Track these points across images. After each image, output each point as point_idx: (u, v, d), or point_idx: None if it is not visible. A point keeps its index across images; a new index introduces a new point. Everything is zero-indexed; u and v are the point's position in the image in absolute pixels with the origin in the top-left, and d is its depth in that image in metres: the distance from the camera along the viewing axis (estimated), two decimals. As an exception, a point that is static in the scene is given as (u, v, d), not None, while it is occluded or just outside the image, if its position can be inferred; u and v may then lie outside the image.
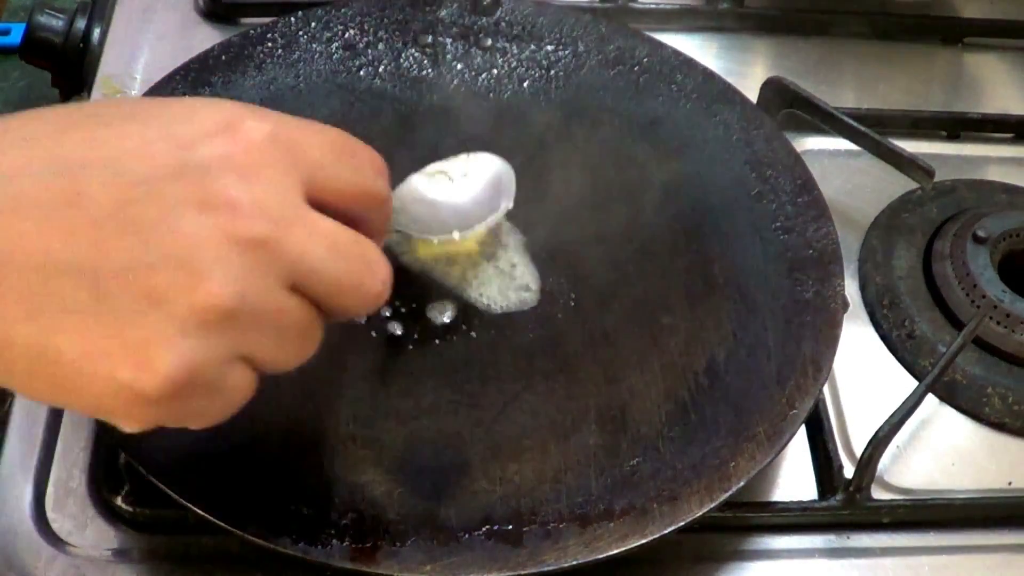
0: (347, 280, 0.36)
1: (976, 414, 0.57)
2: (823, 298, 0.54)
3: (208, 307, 0.32)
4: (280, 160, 0.34)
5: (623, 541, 0.44)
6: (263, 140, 0.34)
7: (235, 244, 0.32)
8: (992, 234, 0.61)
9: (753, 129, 0.62)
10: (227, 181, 0.33)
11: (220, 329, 0.32)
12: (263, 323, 0.34)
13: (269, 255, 0.33)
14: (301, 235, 0.34)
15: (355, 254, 0.36)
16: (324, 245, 0.35)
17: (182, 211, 0.32)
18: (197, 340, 0.32)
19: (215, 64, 0.61)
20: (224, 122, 0.34)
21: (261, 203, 0.33)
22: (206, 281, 0.31)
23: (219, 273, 0.32)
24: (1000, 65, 0.77)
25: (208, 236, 0.32)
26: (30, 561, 0.47)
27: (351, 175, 0.37)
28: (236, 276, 0.32)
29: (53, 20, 0.66)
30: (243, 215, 0.32)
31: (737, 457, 0.47)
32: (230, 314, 0.32)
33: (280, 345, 0.35)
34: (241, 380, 0.34)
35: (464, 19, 0.66)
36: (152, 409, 0.32)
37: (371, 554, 0.43)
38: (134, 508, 0.48)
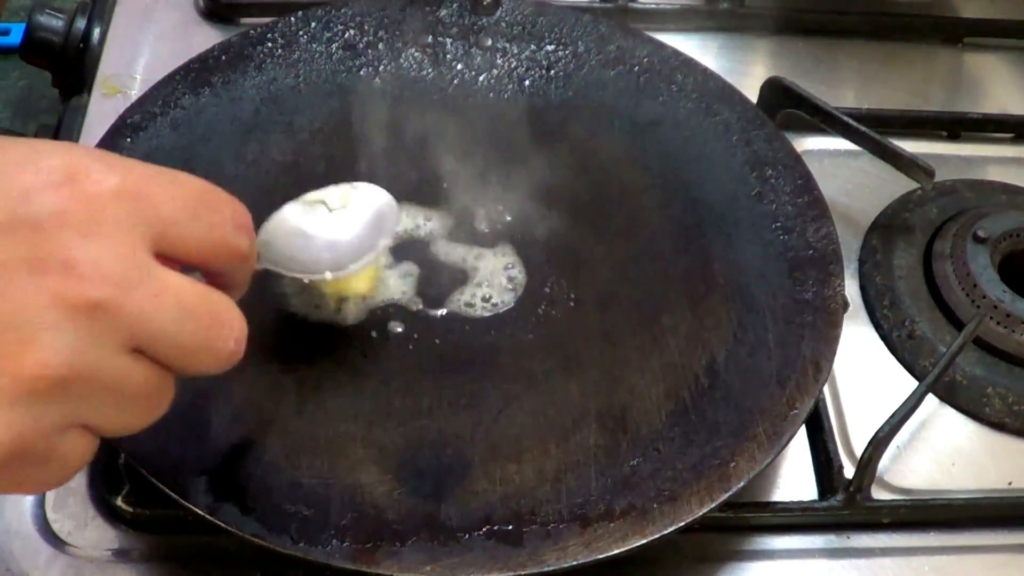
0: (195, 341, 0.33)
1: (976, 414, 0.57)
2: (823, 298, 0.54)
3: (36, 377, 0.30)
4: (124, 216, 0.32)
5: (623, 541, 0.44)
6: (106, 193, 0.32)
7: (69, 308, 0.30)
8: (992, 234, 0.61)
9: (753, 129, 0.62)
10: (63, 238, 0.30)
11: (50, 399, 0.30)
12: (100, 391, 0.31)
13: (107, 320, 0.31)
14: (144, 297, 0.32)
15: (204, 312, 0.34)
16: (169, 306, 0.32)
17: (11, 271, 0.30)
18: (23, 411, 0.30)
19: (215, 64, 0.61)
20: (65, 172, 0.31)
21: (99, 264, 0.31)
22: (34, 349, 0.29)
23: (49, 340, 0.30)
24: (1000, 65, 0.77)
25: (38, 300, 0.30)
26: (30, 561, 0.47)
27: (206, 231, 0.34)
28: (68, 343, 0.30)
29: (53, 20, 0.66)
30: (78, 277, 0.30)
31: (737, 457, 0.47)
32: (61, 383, 0.30)
33: (121, 411, 0.33)
34: (77, 447, 0.32)
35: (464, 19, 0.66)
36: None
37: (371, 554, 0.43)
38: (134, 508, 0.48)
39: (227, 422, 0.48)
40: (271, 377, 0.50)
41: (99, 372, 0.31)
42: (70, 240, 0.30)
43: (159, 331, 0.32)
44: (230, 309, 0.35)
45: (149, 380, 0.33)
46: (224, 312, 0.35)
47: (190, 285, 0.33)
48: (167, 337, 0.32)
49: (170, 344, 0.33)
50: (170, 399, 0.35)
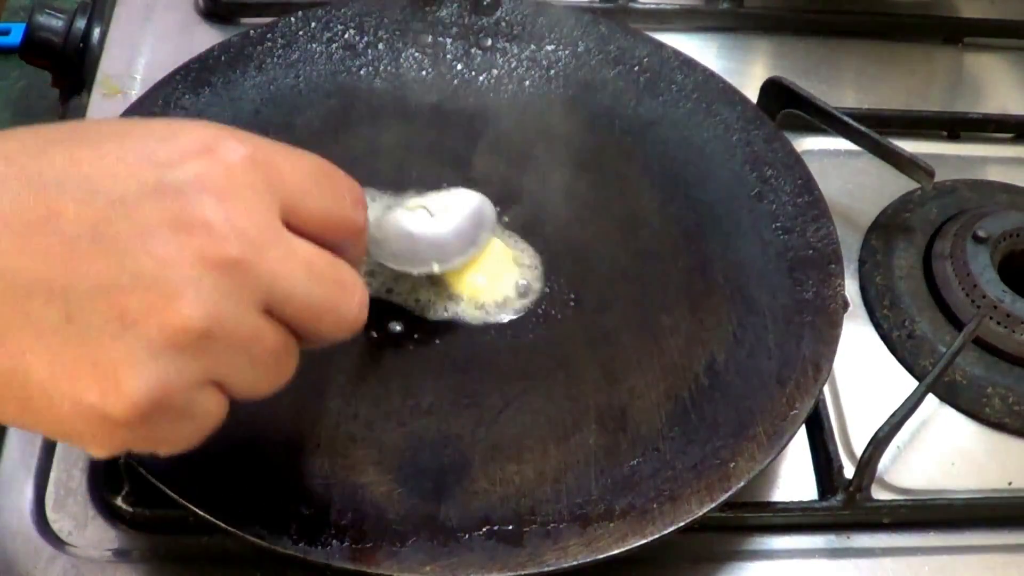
0: (323, 304, 0.35)
1: (976, 414, 0.57)
2: (823, 298, 0.53)
3: (179, 329, 0.31)
4: (257, 183, 0.34)
5: (623, 541, 0.44)
6: (241, 162, 0.34)
7: (209, 265, 0.32)
8: (992, 234, 0.61)
9: (753, 129, 0.62)
10: (203, 202, 0.32)
11: (191, 352, 0.32)
12: (236, 347, 0.33)
13: (243, 277, 0.32)
14: (276, 258, 0.33)
15: (331, 278, 0.36)
16: (300, 268, 0.34)
17: (156, 231, 0.31)
18: (167, 363, 0.31)
19: (215, 64, 0.61)
20: (203, 143, 0.34)
21: (236, 225, 0.32)
22: (177, 303, 0.31)
23: (191, 295, 0.31)
24: (1000, 65, 0.77)
25: (181, 257, 0.31)
26: (30, 561, 0.47)
27: (329, 202, 0.37)
28: (209, 298, 0.31)
29: (53, 20, 0.66)
30: (218, 236, 0.32)
31: (737, 457, 0.47)
32: (202, 337, 0.31)
33: (253, 370, 0.34)
34: (212, 405, 0.34)
35: (464, 19, 0.66)
36: (119, 433, 0.32)
37: (371, 554, 0.43)
38: (134, 508, 0.48)
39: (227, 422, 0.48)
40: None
41: (237, 328, 0.32)
42: (209, 203, 0.32)
43: (290, 291, 0.34)
44: (354, 276, 0.37)
45: (278, 343, 0.34)
46: (349, 278, 0.37)
47: (318, 251, 0.35)
48: (297, 298, 0.34)
49: (300, 305, 0.34)
50: (294, 366, 0.36)
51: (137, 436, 0.32)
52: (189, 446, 0.35)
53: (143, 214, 0.31)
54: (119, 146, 0.33)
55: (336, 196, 0.37)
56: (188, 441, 0.34)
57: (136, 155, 0.33)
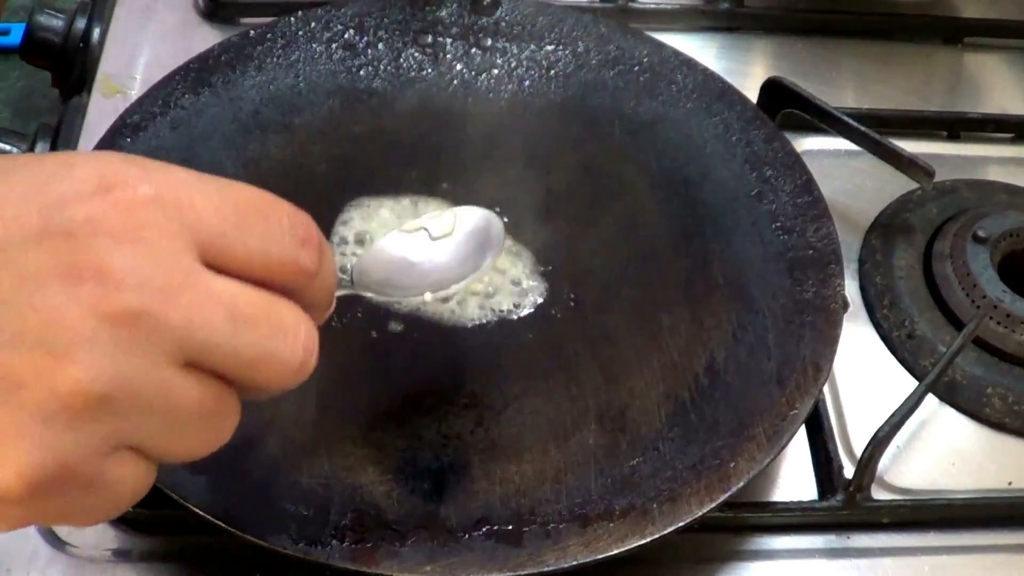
0: (254, 351, 0.31)
1: (976, 414, 0.57)
2: (823, 298, 0.54)
3: (71, 393, 0.27)
4: (164, 222, 0.29)
5: (623, 541, 0.44)
6: (144, 199, 0.29)
7: (105, 319, 0.28)
8: (992, 234, 0.61)
9: (753, 129, 0.62)
10: (96, 246, 0.28)
11: (90, 417, 0.28)
12: (147, 408, 0.29)
13: (149, 330, 0.28)
14: (189, 303, 0.29)
15: (262, 319, 0.31)
16: (220, 312, 0.30)
17: (42, 282, 0.28)
18: (61, 431, 0.28)
19: (215, 64, 0.61)
20: (99, 179, 0.29)
21: (137, 270, 0.28)
22: (68, 363, 0.27)
23: (85, 353, 0.28)
24: (1000, 65, 0.77)
25: (73, 311, 0.28)
26: (30, 561, 0.47)
27: (258, 242, 0.31)
28: (107, 356, 0.28)
29: (53, 20, 0.66)
30: (115, 285, 0.28)
31: (737, 457, 0.47)
32: (102, 400, 0.28)
33: (177, 432, 0.31)
34: (129, 473, 0.30)
35: (464, 19, 0.66)
36: (13, 511, 0.29)
37: (371, 554, 0.43)
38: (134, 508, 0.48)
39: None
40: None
41: (144, 387, 0.29)
42: (105, 247, 0.28)
43: (210, 340, 0.30)
44: (296, 316, 0.32)
45: (205, 398, 0.30)
46: (287, 318, 0.32)
47: (245, 290, 0.31)
48: (221, 347, 0.30)
49: (225, 355, 0.30)
50: (234, 420, 0.32)
51: (35, 512, 0.29)
52: (111, 515, 0.31)
53: (28, 262, 0.28)
54: (2, 184, 0.29)
55: (269, 234, 0.31)
56: (106, 512, 0.31)
57: (23, 195, 0.29)
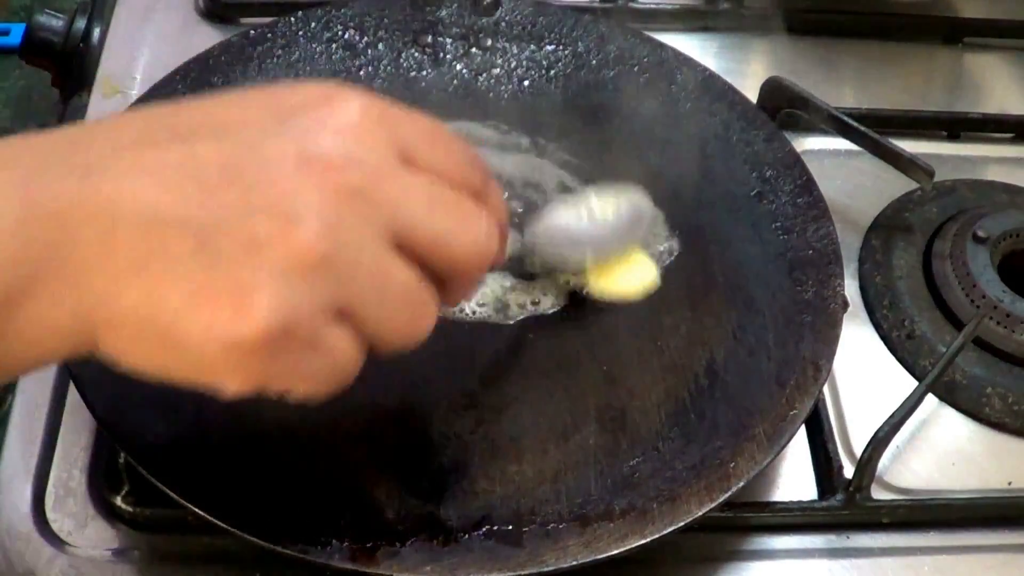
0: (448, 228, 0.36)
1: (976, 414, 0.57)
2: (823, 298, 0.54)
3: (303, 251, 0.32)
4: (373, 127, 0.35)
5: (623, 541, 0.44)
6: (359, 108, 0.35)
7: (331, 194, 0.33)
8: (992, 234, 0.61)
9: (753, 129, 0.62)
10: (323, 139, 0.34)
11: (317, 275, 0.33)
12: (362, 276, 0.34)
13: (365, 205, 0.34)
14: (397, 187, 0.35)
15: (452, 202, 0.37)
16: (421, 196, 0.35)
17: (280, 166, 0.33)
18: (293, 286, 0.32)
19: (215, 64, 0.61)
20: (323, 94, 0.36)
21: (356, 158, 0.34)
22: (301, 227, 0.32)
23: (314, 220, 0.32)
24: (1000, 65, 0.77)
25: (304, 187, 0.33)
26: (30, 561, 0.47)
27: (442, 156, 0.37)
28: (331, 223, 0.33)
29: (53, 20, 0.66)
30: (338, 168, 0.34)
31: (737, 457, 0.47)
32: (326, 260, 0.32)
33: (383, 308, 0.35)
34: (343, 343, 0.34)
35: (464, 19, 0.66)
36: (251, 362, 0.32)
37: (371, 554, 0.43)
38: (134, 508, 0.48)
39: (227, 422, 0.48)
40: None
41: (360, 254, 0.34)
42: (328, 140, 0.34)
43: (413, 218, 0.35)
44: (477, 206, 0.38)
45: (409, 279, 0.35)
46: (471, 207, 0.37)
47: (439, 184, 0.36)
48: (421, 224, 0.35)
49: (426, 232, 0.35)
50: (433, 312, 0.37)
51: (269, 367, 0.33)
52: (325, 388, 0.35)
53: (269, 152, 0.33)
54: (246, 100, 0.36)
55: (450, 154, 0.38)
56: (322, 380, 0.35)
57: (262, 106, 0.35)
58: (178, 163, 0.33)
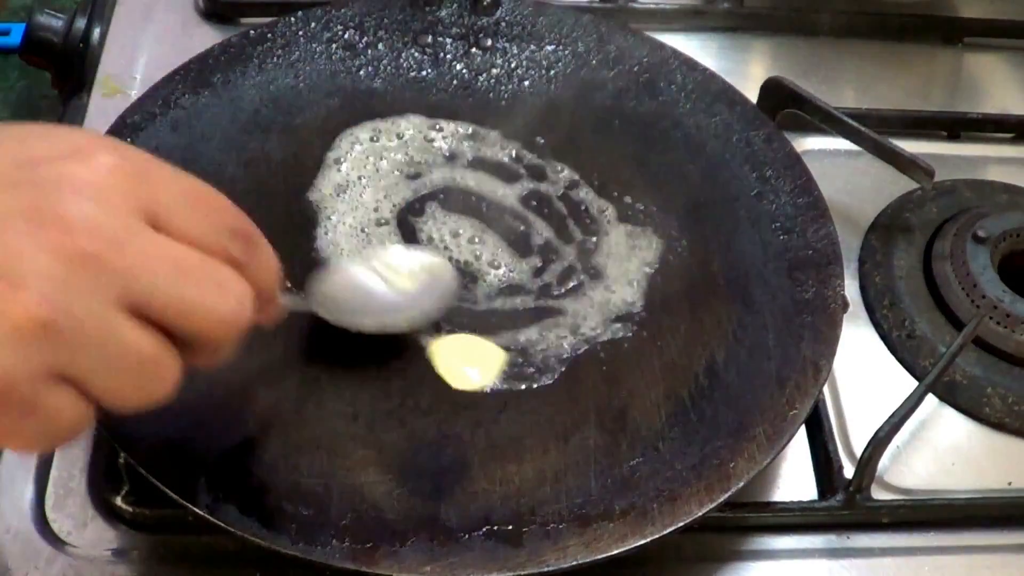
0: (192, 298, 0.34)
1: (976, 414, 0.57)
2: (823, 298, 0.54)
3: (22, 317, 0.31)
4: (122, 187, 0.33)
5: (623, 541, 0.44)
6: (109, 166, 0.34)
7: (60, 258, 0.31)
8: (992, 234, 0.61)
9: (753, 129, 0.62)
10: (62, 198, 0.32)
11: (36, 343, 0.31)
12: (88, 343, 0.32)
13: (97, 271, 0.32)
14: (135, 253, 0.33)
15: (200, 272, 0.34)
16: (163, 263, 0.34)
17: (10, 222, 0.32)
18: (10, 350, 0.31)
19: (215, 64, 0.61)
20: (74, 147, 0.34)
21: (94, 220, 0.32)
22: (22, 292, 0.31)
23: (37, 284, 0.31)
24: (1000, 65, 0.77)
25: (33, 248, 0.31)
26: (30, 561, 0.47)
27: (200, 223, 0.35)
28: (56, 289, 0.31)
29: (53, 20, 0.66)
30: (72, 231, 0.32)
31: (737, 457, 0.47)
32: (46, 326, 0.31)
33: (114, 374, 0.33)
34: (65, 405, 0.33)
35: (464, 19, 0.66)
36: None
37: (371, 554, 0.43)
38: (134, 508, 0.48)
39: (227, 422, 0.48)
40: (271, 377, 0.50)
41: (87, 321, 0.32)
42: (67, 199, 0.32)
43: (152, 285, 0.33)
44: (230, 273, 0.35)
45: (143, 345, 0.33)
46: (222, 274, 0.35)
47: (186, 250, 0.34)
48: (160, 292, 0.33)
49: (165, 301, 0.33)
50: (174, 375, 0.34)
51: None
52: (42, 448, 0.34)
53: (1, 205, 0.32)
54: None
55: (210, 220, 0.36)
56: (43, 440, 0.33)
57: (6, 152, 0.33)
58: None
